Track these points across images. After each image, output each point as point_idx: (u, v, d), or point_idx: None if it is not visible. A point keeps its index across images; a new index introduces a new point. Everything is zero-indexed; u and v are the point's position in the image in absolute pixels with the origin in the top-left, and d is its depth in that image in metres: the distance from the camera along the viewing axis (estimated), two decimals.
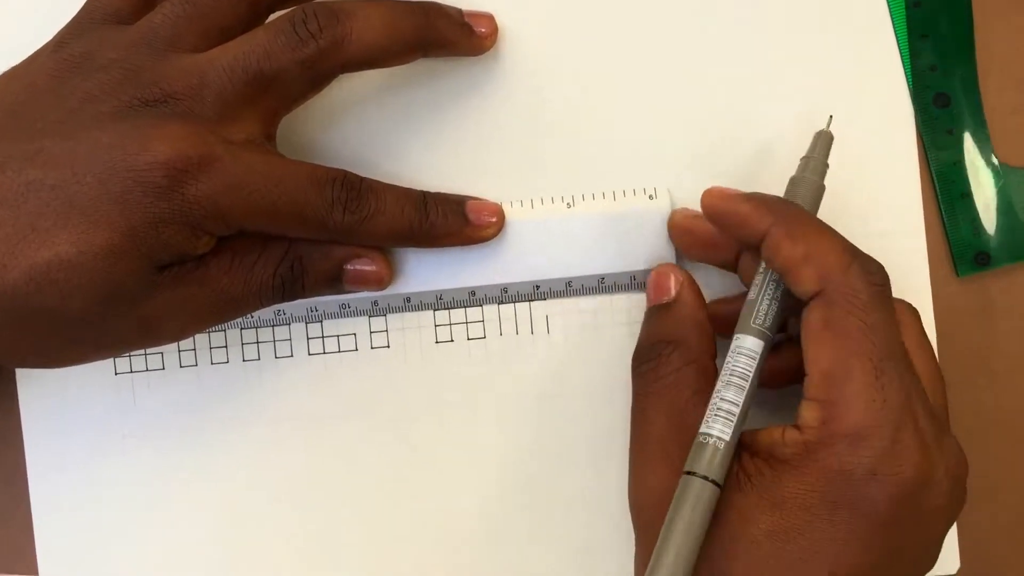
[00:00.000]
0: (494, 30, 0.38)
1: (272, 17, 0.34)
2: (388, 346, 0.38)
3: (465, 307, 0.38)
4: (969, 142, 0.39)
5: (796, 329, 0.35)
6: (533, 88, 0.38)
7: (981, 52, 0.39)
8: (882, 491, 0.30)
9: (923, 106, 0.39)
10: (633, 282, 0.38)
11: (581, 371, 0.39)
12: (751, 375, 0.33)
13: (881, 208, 0.39)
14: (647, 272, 0.37)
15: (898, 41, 0.39)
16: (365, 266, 0.35)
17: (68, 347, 0.33)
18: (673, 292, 0.36)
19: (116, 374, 0.38)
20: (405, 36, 0.35)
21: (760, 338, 0.33)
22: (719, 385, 0.33)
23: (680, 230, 0.37)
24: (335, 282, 0.35)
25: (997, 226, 0.39)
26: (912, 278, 0.39)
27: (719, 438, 0.32)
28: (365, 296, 0.37)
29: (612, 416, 0.38)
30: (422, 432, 0.39)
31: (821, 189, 0.35)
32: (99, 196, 0.30)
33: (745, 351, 0.33)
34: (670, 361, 0.34)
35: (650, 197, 0.38)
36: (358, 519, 0.39)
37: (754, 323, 0.33)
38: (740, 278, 0.37)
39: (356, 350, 0.38)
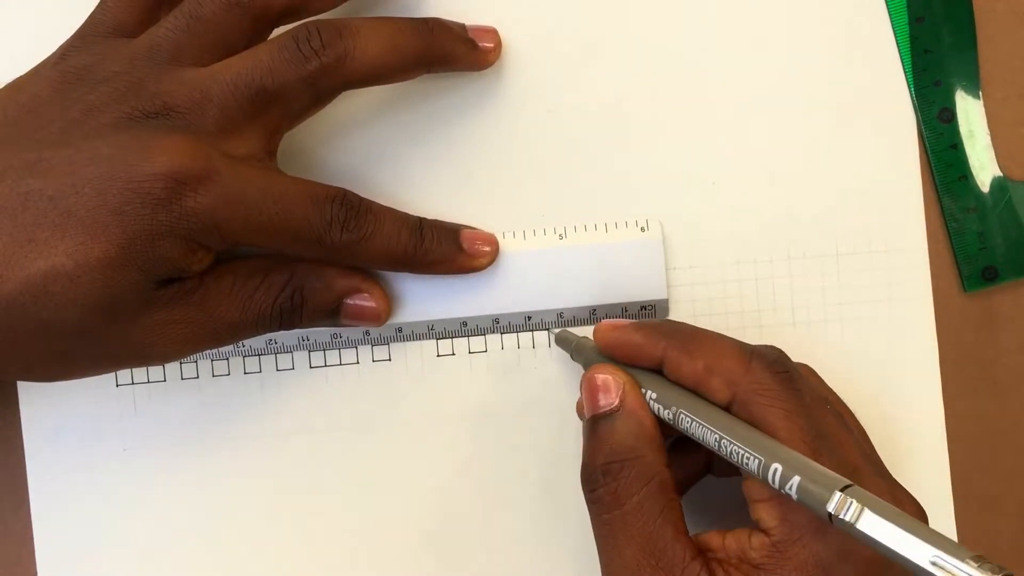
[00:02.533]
0: (497, 44, 0.38)
1: (275, 33, 0.35)
2: (389, 359, 0.38)
3: (456, 337, 0.38)
4: (974, 157, 0.39)
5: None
6: (533, 91, 0.39)
7: (984, 65, 0.39)
8: (856, 569, 0.30)
9: (928, 121, 0.39)
10: (624, 314, 0.38)
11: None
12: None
13: (884, 224, 0.39)
14: (639, 304, 0.38)
15: (901, 57, 0.39)
16: (364, 302, 0.36)
17: (61, 361, 0.32)
18: (615, 399, 0.33)
19: (117, 385, 0.38)
20: (408, 52, 0.35)
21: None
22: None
23: (607, 344, 0.35)
24: (333, 315, 0.35)
25: (1004, 240, 0.39)
26: (914, 293, 0.39)
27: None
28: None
29: None
30: (423, 444, 0.38)
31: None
32: (97, 207, 0.30)
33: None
34: (630, 484, 0.32)
35: (642, 229, 0.38)
36: (359, 531, 0.38)
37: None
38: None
39: (357, 363, 0.38)
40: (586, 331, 0.38)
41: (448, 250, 0.36)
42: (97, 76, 0.32)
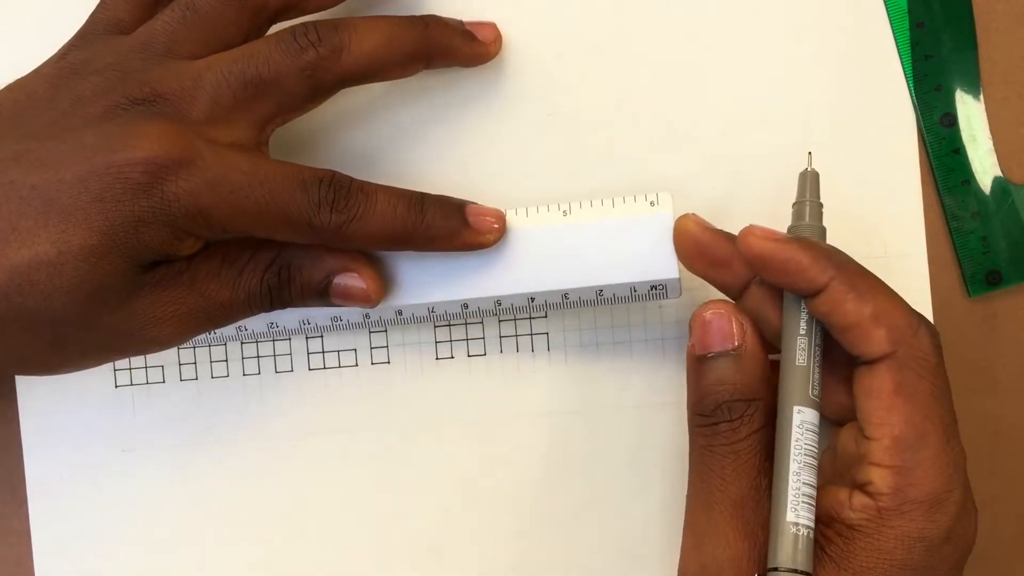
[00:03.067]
0: (497, 37, 0.38)
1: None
2: (388, 362, 0.38)
3: (452, 323, 0.38)
4: (976, 161, 0.39)
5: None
6: (533, 94, 0.39)
7: (984, 66, 0.39)
8: (955, 554, 0.30)
9: (929, 127, 0.39)
10: (633, 294, 0.35)
11: (582, 389, 0.38)
12: (819, 452, 0.32)
13: (883, 230, 0.39)
14: (648, 284, 0.35)
15: (902, 63, 0.39)
16: (352, 281, 0.34)
17: (53, 352, 0.32)
18: (738, 340, 0.33)
19: (116, 387, 0.38)
20: (405, 46, 0.35)
21: (818, 410, 0.32)
22: (793, 466, 0.31)
23: (689, 239, 0.34)
24: (322, 294, 0.34)
25: (1007, 244, 0.39)
26: (914, 299, 0.38)
27: (808, 527, 0.31)
28: (356, 308, 0.36)
29: (612, 433, 0.38)
30: (422, 448, 0.38)
31: (823, 232, 0.34)
32: (79, 194, 0.30)
33: (811, 427, 0.31)
34: (753, 421, 0.32)
35: (652, 203, 0.35)
36: (357, 535, 0.38)
37: (812, 394, 0.32)
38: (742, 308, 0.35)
39: (356, 365, 0.38)
40: (580, 352, 0.38)
41: (453, 225, 0.34)
42: (90, 68, 0.33)
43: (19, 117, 0.32)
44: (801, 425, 0.31)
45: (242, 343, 0.38)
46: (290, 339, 0.38)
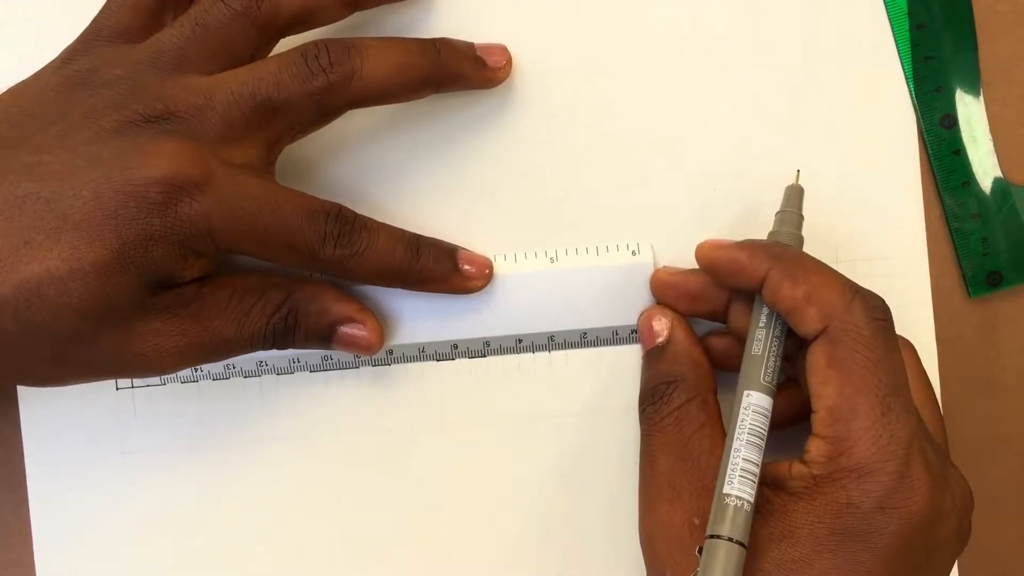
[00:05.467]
0: (508, 61, 0.38)
1: (281, 45, 0.35)
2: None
3: (446, 360, 0.38)
4: (977, 162, 0.39)
5: (792, 371, 0.35)
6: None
7: (984, 67, 0.39)
8: (890, 524, 0.30)
9: (930, 128, 0.39)
10: (615, 337, 0.38)
11: (582, 389, 0.38)
12: (766, 432, 0.33)
13: (884, 232, 0.39)
14: (629, 328, 0.38)
15: (902, 64, 0.39)
16: (357, 331, 0.36)
17: (55, 366, 0.32)
18: (665, 333, 0.36)
19: (117, 389, 0.38)
20: (415, 72, 0.35)
21: (769, 395, 0.33)
22: (736, 444, 0.32)
23: (664, 286, 0.37)
24: (325, 340, 0.36)
25: (1008, 245, 0.39)
26: (915, 300, 0.39)
27: (744, 499, 0.32)
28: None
29: (613, 434, 0.38)
30: (423, 450, 0.38)
31: (800, 240, 0.36)
32: (93, 211, 0.30)
33: (759, 409, 0.33)
34: (672, 399, 0.35)
35: (633, 253, 0.38)
36: (359, 536, 0.38)
37: (763, 380, 0.33)
38: (729, 327, 0.36)
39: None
40: (581, 353, 0.38)
41: (444, 269, 0.36)
42: (99, 79, 0.33)
43: (27, 126, 0.32)
44: (748, 407, 0.33)
45: None
46: (288, 374, 0.39)
